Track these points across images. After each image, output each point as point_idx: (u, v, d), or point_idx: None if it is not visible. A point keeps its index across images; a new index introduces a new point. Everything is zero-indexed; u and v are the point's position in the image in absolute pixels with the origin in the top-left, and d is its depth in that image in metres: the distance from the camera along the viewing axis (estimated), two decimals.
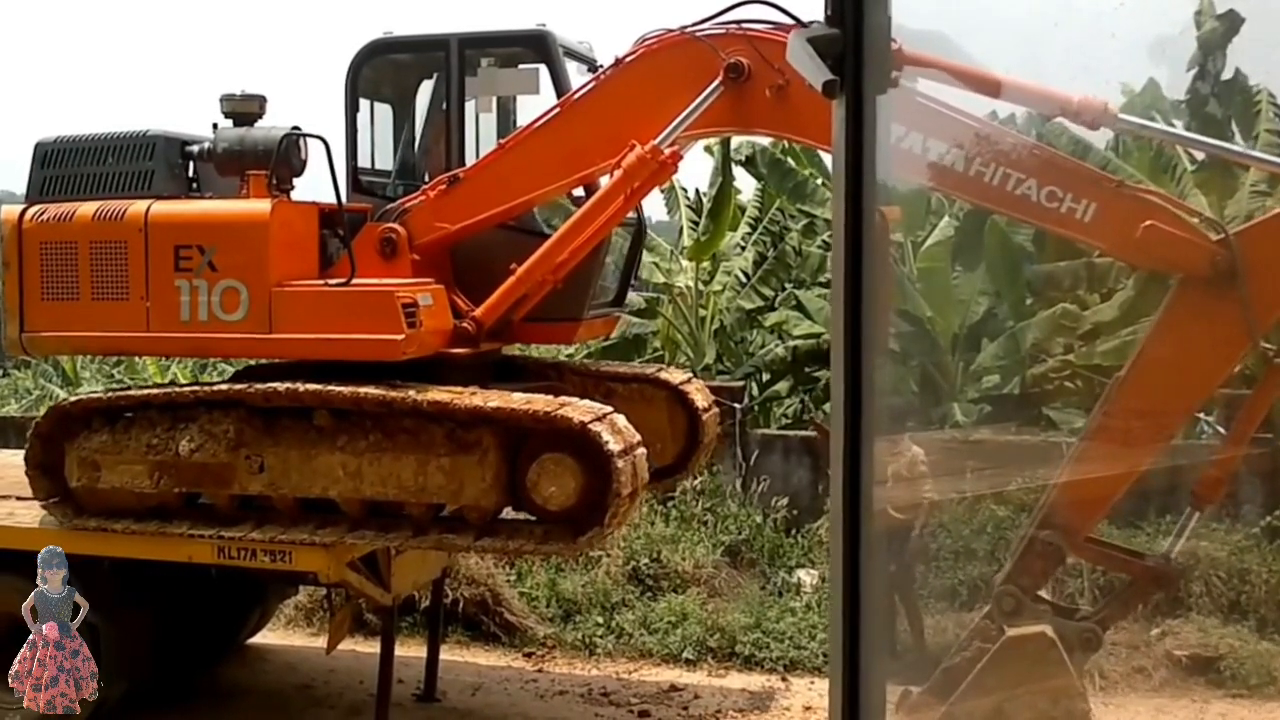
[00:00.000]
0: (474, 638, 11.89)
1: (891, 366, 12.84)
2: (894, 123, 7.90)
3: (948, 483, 10.04)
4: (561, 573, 12.72)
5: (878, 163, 2.36)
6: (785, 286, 17.92)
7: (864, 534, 2.39)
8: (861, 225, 2.37)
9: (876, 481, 2.47)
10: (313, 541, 8.42)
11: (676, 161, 8.51)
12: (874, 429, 2.49)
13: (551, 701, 10.56)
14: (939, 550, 11.36)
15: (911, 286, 14.99)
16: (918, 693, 7.63)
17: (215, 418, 8.57)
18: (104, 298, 8.79)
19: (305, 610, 12.39)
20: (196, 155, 9.16)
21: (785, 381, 17.27)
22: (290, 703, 10.44)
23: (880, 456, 2.54)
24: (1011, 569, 7.42)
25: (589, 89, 8.76)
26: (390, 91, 10.06)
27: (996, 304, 15.56)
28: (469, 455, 8.07)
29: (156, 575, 9.33)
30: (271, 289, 8.45)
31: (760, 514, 13.62)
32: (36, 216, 8.98)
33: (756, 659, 11.37)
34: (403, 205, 9.03)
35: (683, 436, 10.34)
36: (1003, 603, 7.31)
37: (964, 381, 15.31)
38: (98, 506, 8.93)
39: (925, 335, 14.97)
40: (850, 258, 2.36)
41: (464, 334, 8.73)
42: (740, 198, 18.79)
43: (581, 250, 8.69)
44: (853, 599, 2.41)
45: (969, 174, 7.13)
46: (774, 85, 8.09)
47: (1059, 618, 7.50)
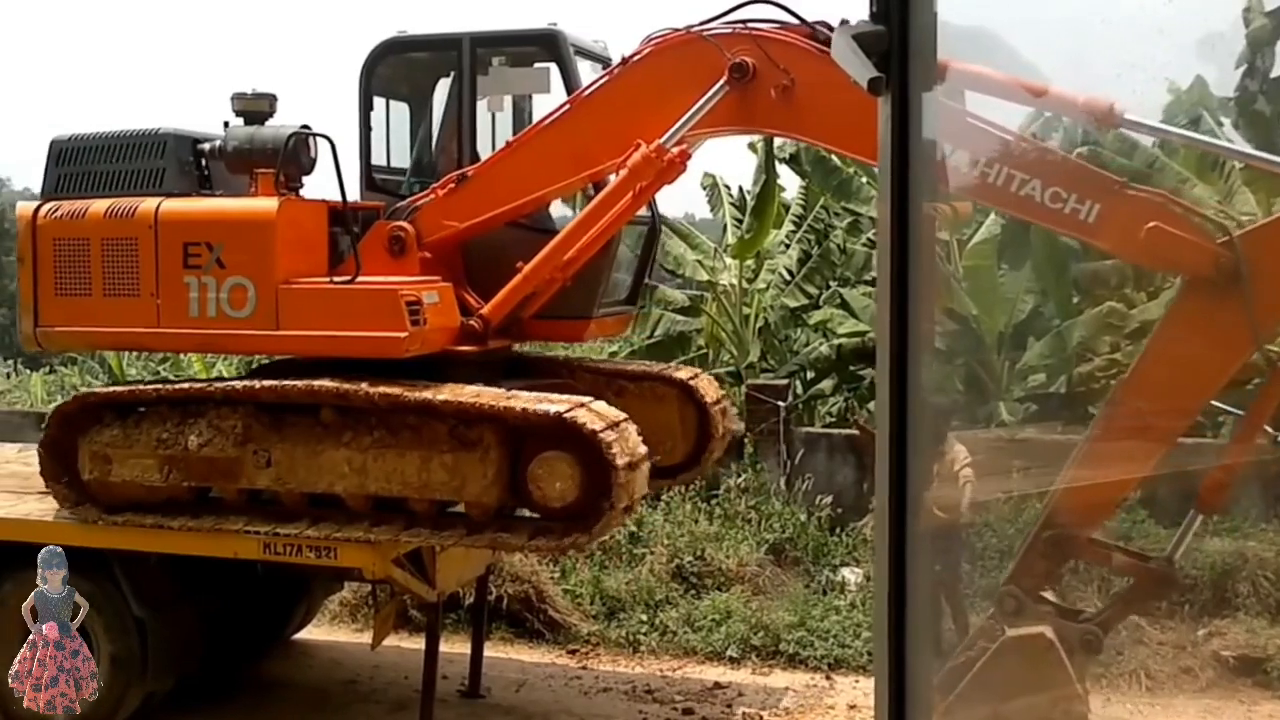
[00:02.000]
0: (518, 634, 11.92)
1: (936, 365, 12.73)
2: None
3: (993, 482, 9.96)
4: (605, 570, 12.73)
5: (923, 160, 2.36)
6: (830, 284, 17.86)
7: (909, 533, 2.38)
8: (907, 223, 2.36)
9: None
10: (363, 539, 8.48)
11: (684, 160, 8.53)
12: (920, 428, 2.47)
13: (595, 699, 10.57)
14: (984, 549, 11.28)
15: (957, 285, 14.90)
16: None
17: (223, 413, 8.69)
18: (115, 294, 8.93)
19: (350, 606, 12.46)
20: (208, 153, 9.27)
21: (830, 380, 17.21)
22: (335, 698, 10.51)
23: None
24: (1014, 569, 7.38)
25: (596, 88, 8.81)
26: (406, 90, 10.16)
27: (1043, 302, 15.44)
28: (471, 452, 8.14)
29: (203, 571, 9.44)
30: (278, 286, 8.55)
31: (804, 512, 13.58)
32: (50, 213, 9.12)
33: (801, 657, 11.34)
34: (413, 203, 9.12)
35: (694, 433, 10.34)
36: (1004, 603, 7.26)
37: (1010, 380, 15.19)
38: (109, 499, 9.05)
39: (971, 334, 14.87)
40: (896, 255, 2.35)
41: (471, 331, 8.81)
42: (784, 195, 18.74)
43: (590, 248, 8.74)
44: (898, 598, 2.40)
45: (973, 174, 7.08)
46: (779, 85, 8.15)
47: (1061, 619, 7.45)
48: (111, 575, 9.16)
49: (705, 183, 19.64)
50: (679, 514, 13.46)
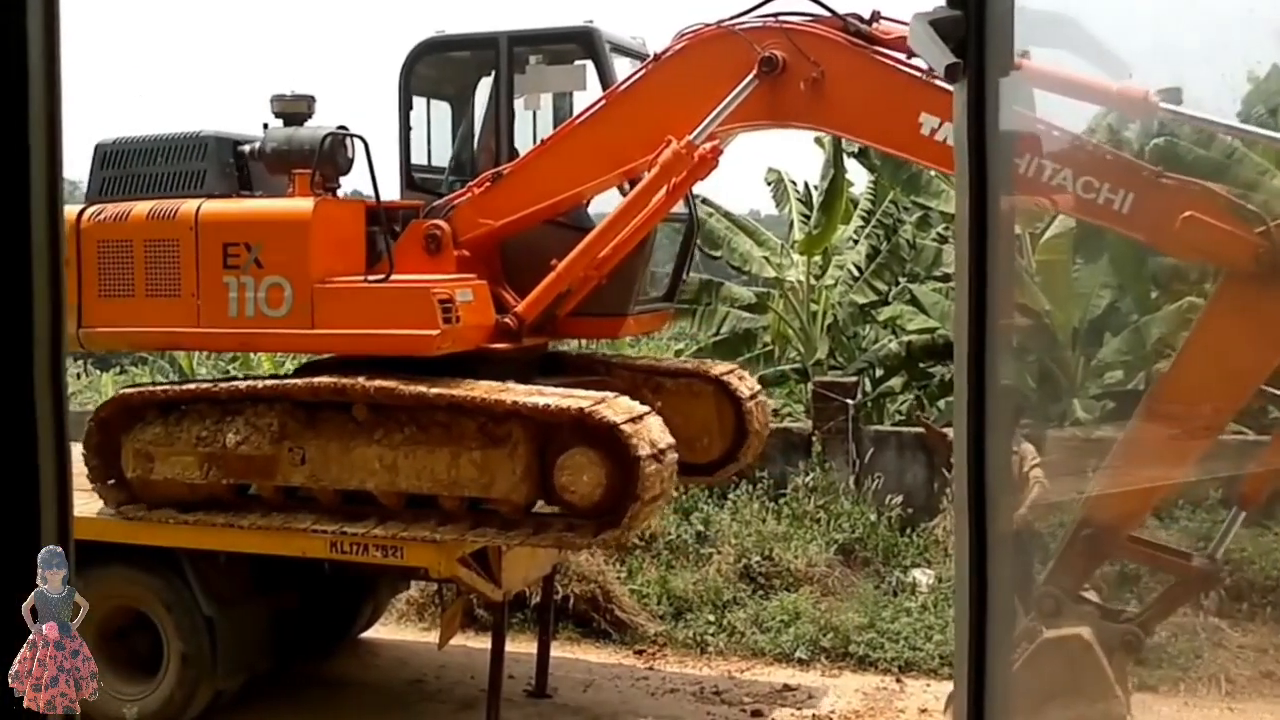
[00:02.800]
0: (584, 634, 11.87)
1: (1010, 362, 12.53)
2: (925, 113, 7.84)
3: (1069, 482, 9.79)
4: (672, 570, 12.65)
5: (1001, 147, 2.26)
6: (899, 280, 17.66)
7: (989, 533, 2.28)
8: (985, 211, 2.26)
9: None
10: (429, 538, 8.47)
11: (716, 156, 8.52)
12: (999, 426, 2.38)
13: (663, 699, 10.49)
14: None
15: (1030, 280, 14.65)
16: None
17: (260, 411, 8.78)
18: (157, 294, 9.04)
19: (417, 605, 12.48)
20: (248, 155, 9.36)
21: (899, 377, 17.02)
22: (402, 697, 10.51)
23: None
24: (1052, 568, 7.24)
25: (627, 85, 8.83)
26: (447, 89, 10.25)
27: (1119, 297, 15.14)
28: (500, 449, 8.15)
29: (272, 570, 9.49)
30: (314, 285, 8.63)
31: (874, 512, 13.41)
32: (94, 216, 9.24)
33: (871, 659, 11.19)
34: (450, 202, 9.18)
35: (730, 429, 10.30)
36: (1043, 603, 7.13)
37: (1085, 378, 14.92)
38: (151, 497, 9.15)
39: (1044, 330, 14.61)
40: (975, 245, 2.25)
41: (506, 329, 8.84)
42: (852, 190, 18.57)
43: (625, 246, 8.74)
44: (979, 599, 2.31)
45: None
46: (809, 78, 8.11)
47: (1102, 619, 7.30)
48: (182, 574, 9.23)
49: (770, 178, 19.51)
50: (746, 513, 13.35)
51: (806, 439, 14.21)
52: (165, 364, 20.00)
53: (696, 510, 13.48)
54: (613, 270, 8.88)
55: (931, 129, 7.77)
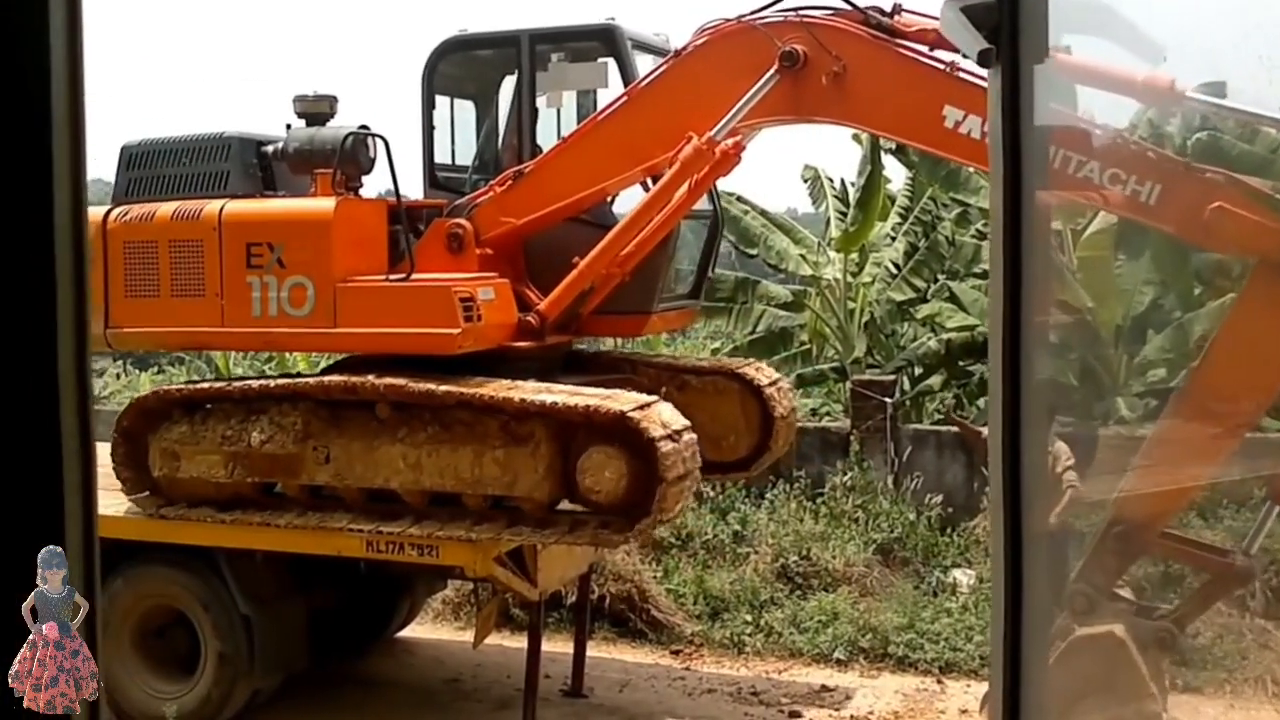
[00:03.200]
0: (621, 634, 11.83)
1: (1050, 359, 12.41)
2: (949, 106, 7.77)
3: (1107, 481, 9.68)
4: (709, 570, 12.60)
5: (1035, 136, 2.20)
6: (938, 278, 17.54)
7: (1025, 531, 2.23)
8: (1021, 202, 2.20)
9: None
10: (465, 537, 8.47)
11: (738, 152, 8.52)
12: (1035, 425, 2.32)
13: (700, 700, 10.44)
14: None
15: (1072, 276, 14.50)
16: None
17: (284, 410, 8.83)
18: (182, 294, 9.12)
19: (453, 605, 12.48)
20: (271, 155, 9.42)
21: (938, 375, 16.89)
22: (438, 696, 10.51)
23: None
24: (1084, 566, 7.15)
25: (648, 81, 8.82)
26: (471, 88, 10.28)
27: (1163, 294, 14.96)
28: (522, 447, 8.16)
29: (308, 569, 9.52)
30: (336, 284, 8.68)
31: (913, 511, 13.31)
32: (120, 217, 9.32)
33: (910, 660, 11.09)
34: (472, 200, 9.20)
35: (757, 426, 10.26)
36: (1075, 601, 7.03)
37: (1128, 375, 14.75)
38: (178, 495, 9.21)
39: (1086, 327, 14.46)
40: (1010, 237, 2.19)
41: (528, 327, 8.87)
42: (890, 187, 18.45)
43: (647, 243, 8.78)
44: (1014, 597, 2.26)
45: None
46: (830, 72, 8.09)
47: (1135, 616, 7.20)
48: (219, 573, 9.27)
49: (807, 175, 19.41)
50: (784, 513, 13.27)
51: (844, 438, 14.12)
52: (202, 364, 20.11)
53: (733, 510, 13.42)
54: (636, 268, 8.92)
55: (955, 122, 7.73)
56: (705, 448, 9.49)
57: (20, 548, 1.90)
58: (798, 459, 14.07)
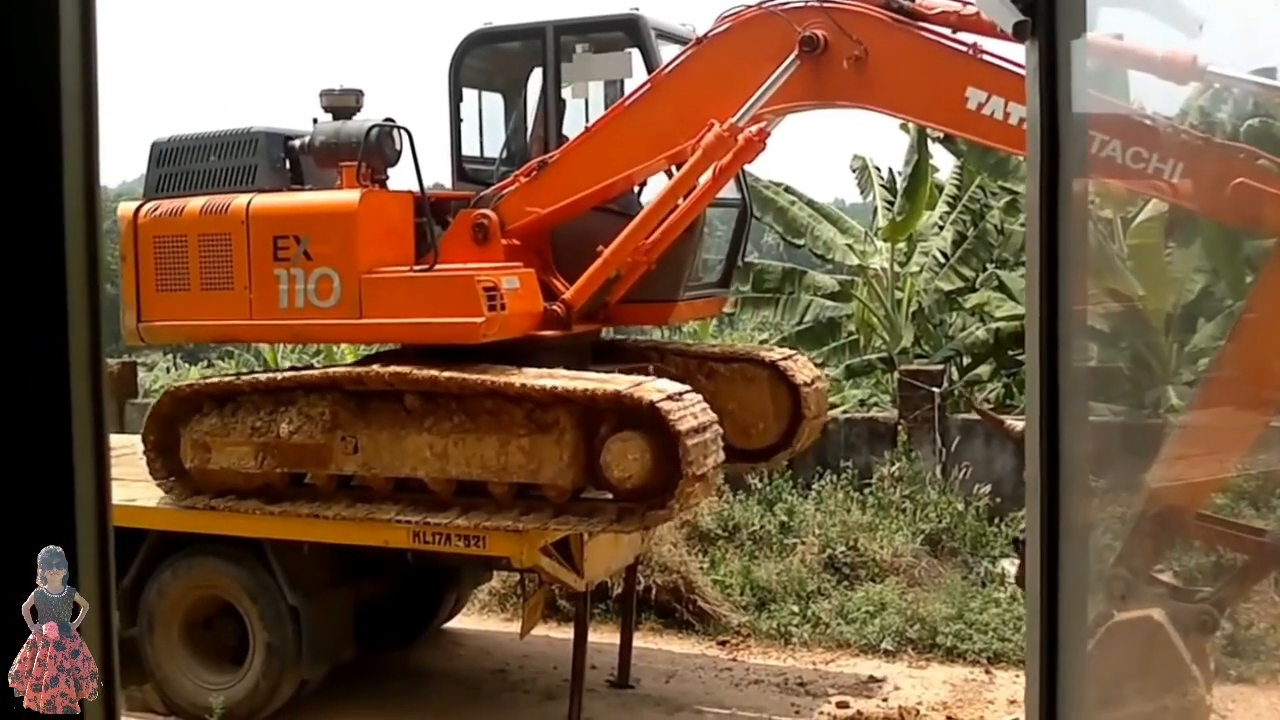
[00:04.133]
0: (667, 625, 11.81)
1: (1100, 348, 12.28)
2: (971, 88, 7.70)
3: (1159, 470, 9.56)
4: (756, 561, 12.55)
5: (1072, 111, 2.15)
6: (986, 267, 17.39)
7: (1062, 521, 2.19)
8: (1058, 177, 2.15)
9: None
10: (511, 528, 8.50)
11: (763, 139, 8.54)
12: (1072, 414, 2.27)
13: (746, 690, 10.41)
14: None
15: (1122, 264, 14.32)
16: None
17: (312, 401, 8.91)
18: (212, 288, 9.23)
19: (499, 596, 12.51)
20: (298, 149, 9.51)
21: (987, 365, 16.75)
22: (485, 687, 10.54)
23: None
24: (1122, 550, 7.05)
25: (670, 69, 8.83)
26: (498, 81, 10.33)
27: (1214, 282, 14.74)
28: (547, 435, 8.19)
29: (356, 560, 9.57)
30: (361, 276, 8.75)
31: (962, 501, 13.20)
32: (150, 212, 9.44)
33: (959, 650, 11.00)
34: (497, 191, 9.26)
35: (786, 414, 10.21)
36: (1113, 586, 6.93)
37: (1179, 364, 14.55)
38: (209, 486, 9.31)
39: (1137, 315, 14.27)
40: (1046, 220, 2.14)
41: (554, 316, 8.91)
42: (937, 176, 18.31)
43: (672, 231, 8.78)
44: (1050, 587, 2.22)
45: None
46: (851, 56, 8.08)
47: (1175, 600, 7.09)
48: (267, 564, 9.33)
49: (855, 165, 19.29)
50: (830, 503, 13.21)
51: (892, 428, 14.04)
52: (251, 357, 20.27)
53: (780, 500, 13.37)
54: (662, 256, 8.92)
55: (979, 103, 7.69)
56: (733, 435, 9.50)
57: (32, 547, 1.89)
58: (845, 449, 14.01)
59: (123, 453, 10.59)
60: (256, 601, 9.32)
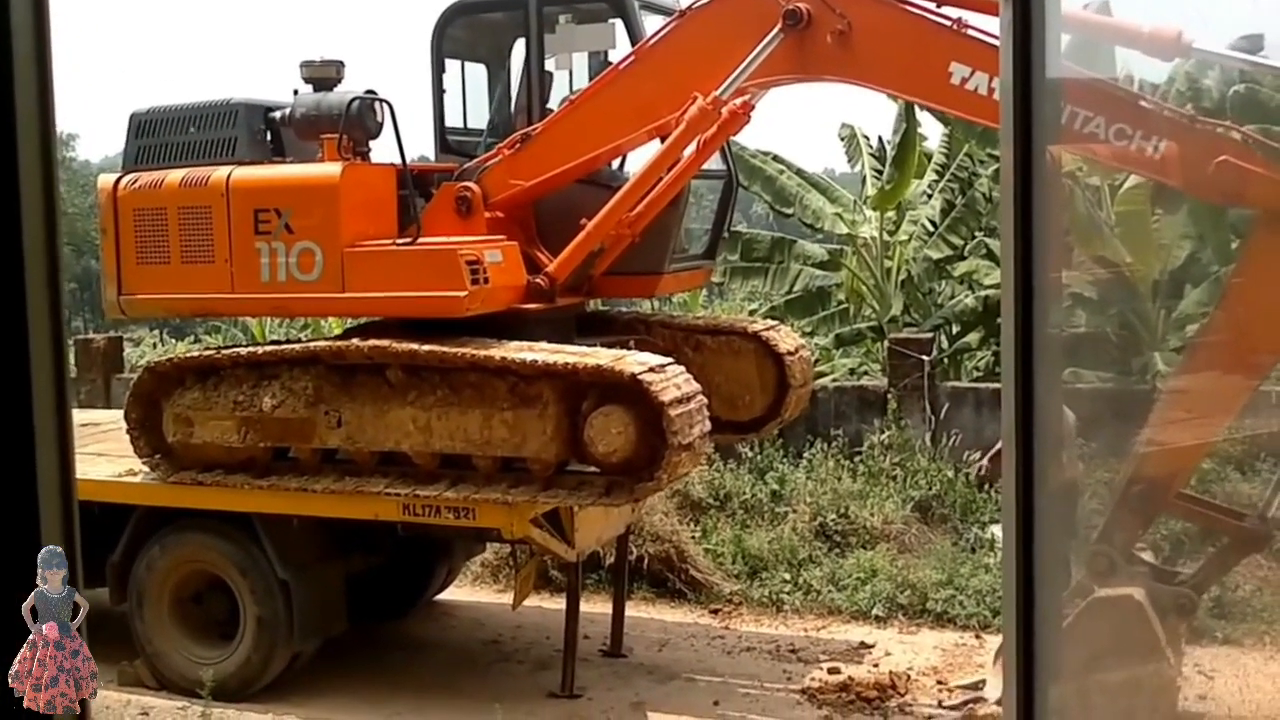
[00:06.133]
0: (659, 594, 11.85)
1: (1088, 314, 12.31)
2: (955, 62, 7.71)
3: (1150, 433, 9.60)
4: (747, 529, 12.59)
5: (1047, 77, 2.14)
6: (975, 235, 17.39)
7: (1037, 488, 2.20)
8: (1032, 142, 2.15)
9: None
10: (500, 500, 8.52)
11: (747, 112, 8.51)
12: (1048, 380, 2.28)
13: (739, 658, 10.46)
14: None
15: (1109, 231, 14.32)
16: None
17: (295, 375, 8.92)
18: (192, 260, 9.22)
19: (491, 567, 12.53)
20: (279, 121, 9.44)
21: (976, 333, 16.78)
22: (479, 657, 10.57)
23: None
24: (1105, 526, 7.11)
25: (655, 41, 8.81)
26: (481, 51, 10.27)
27: (1200, 248, 14.77)
28: (530, 409, 8.22)
29: (346, 533, 9.59)
30: (344, 249, 8.74)
31: (951, 468, 13.24)
32: (130, 184, 9.41)
33: (949, 616, 11.05)
34: (480, 164, 9.22)
35: (772, 385, 10.27)
36: (1096, 562, 7.00)
37: (1166, 330, 14.59)
38: (191, 461, 9.31)
39: (1124, 282, 14.29)
40: (1020, 179, 2.14)
41: (538, 289, 8.90)
42: (926, 144, 18.27)
43: (656, 204, 8.74)
44: (1026, 552, 2.24)
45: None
46: (835, 30, 8.07)
47: (1155, 581, 7.18)
48: (256, 538, 9.33)
49: (844, 134, 19.25)
50: (821, 471, 13.25)
51: (882, 396, 14.06)
52: (238, 331, 20.20)
53: (771, 469, 13.40)
54: (646, 228, 8.88)
55: (962, 78, 7.70)
56: (720, 407, 9.53)
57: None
58: (835, 418, 14.03)
59: (109, 428, 10.59)
60: (247, 576, 9.32)
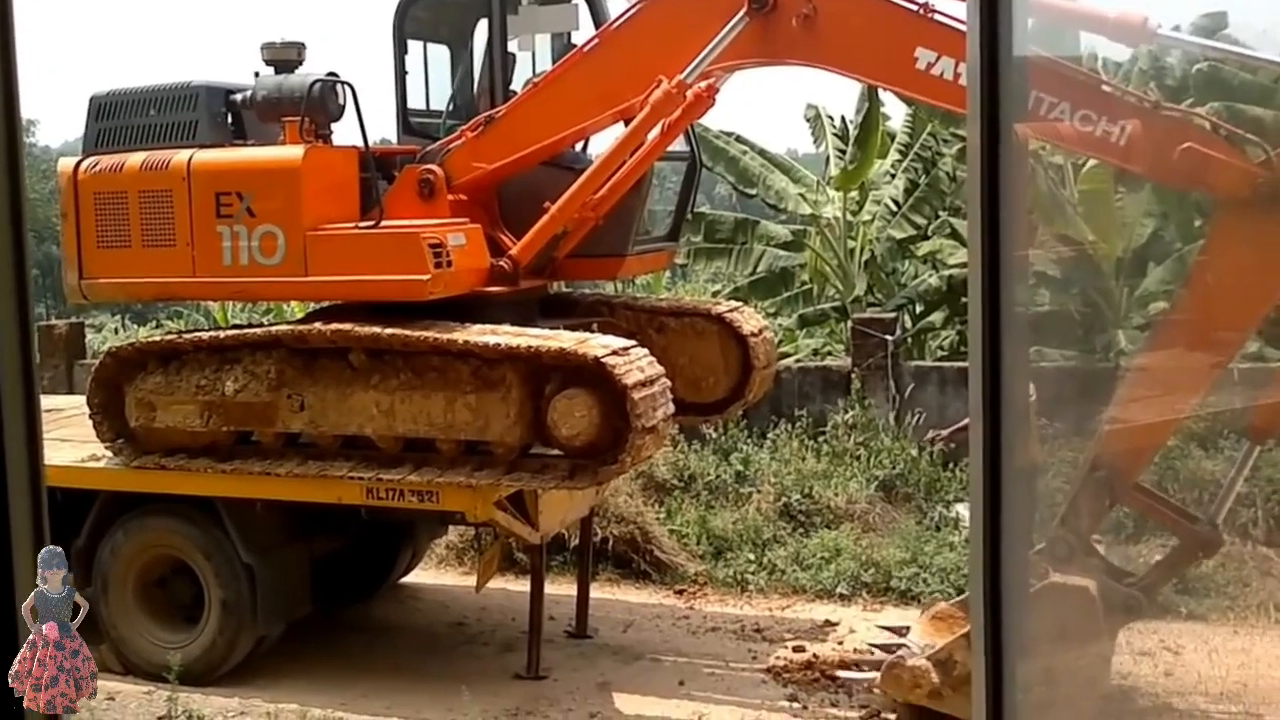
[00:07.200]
0: (624, 575, 11.85)
1: (1051, 292, 12.38)
2: (921, 48, 7.72)
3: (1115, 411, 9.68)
4: (712, 510, 12.60)
5: (1014, 56, 2.13)
6: (939, 214, 17.45)
7: (1005, 466, 2.20)
8: (998, 120, 2.14)
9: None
10: (464, 483, 8.49)
11: (712, 95, 8.50)
12: (1015, 358, 2.28)
13: (704, 638, 10.48)
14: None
15: (1072, 210, 14.41)
16: (949, 604, 7.92)
17: (258, 359, 8.86)
18: (153, 244, 9.14)
19: (456, 550, 12.50)
20: (240, 104, 9.36)
21: (940, 312, 16.84)
22: (444, 640, 10.55)
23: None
24: (1066, 512, 7.17)
25: (620, 23, 8.78)
26: (444, 32, 10.20)
27: (1163, 226, 14.89)
28: (493, 392, 8.21)
29: (309, 517, 9.54)
30: (306, 233, 8.69)
31: (915, 448, 13.29)
32: (90, 168, 9.32)
33: (913, 594, 11.09)
34: (443, 147, 9.18)
35: (736, 366, 10.29)
36: (1057, 547, 7.06)
37: (1129, 307, 14.70)
38: (154, 445, 9.24)
39: (1087, 260, 14.39)
40: (986, 158, 2.13)
41: (501, 272, 8.89)
42: (889, 124, 18.30)
43: (620, 187, 8.74)
44: (994, 529, 2.24)
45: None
46: (800, 14, 8.04)
47: (1108, 578, 7.26)
48: (220, 522, 9.27)
49: (809, 114, 19.26)
50: (785, 452, 13.28)
51: (846, 376, 14.09)
52: (200, 317, 20.04)
53: (736, 450, 13.41)
54: (610, 211, 8.87)
55: (929, 63, 7.69)
56: (683, 389, 9.53)
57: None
58: (799, 398, 14.05)
59: (72, 414, 10.48)
60: (211, 559, 9.26)
